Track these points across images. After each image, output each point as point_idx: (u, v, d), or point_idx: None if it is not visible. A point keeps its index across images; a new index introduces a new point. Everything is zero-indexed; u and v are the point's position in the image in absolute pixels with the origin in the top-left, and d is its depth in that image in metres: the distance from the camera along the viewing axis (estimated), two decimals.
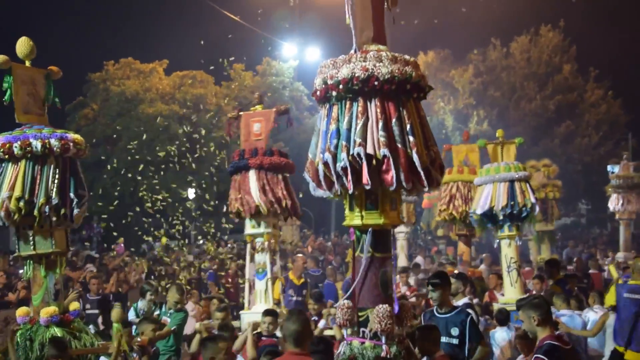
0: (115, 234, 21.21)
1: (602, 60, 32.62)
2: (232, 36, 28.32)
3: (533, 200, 9.08)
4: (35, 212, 5.98)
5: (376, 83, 4.48)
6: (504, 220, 8.97)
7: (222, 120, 29.04)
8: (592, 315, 8.63)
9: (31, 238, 6.18)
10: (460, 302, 7.41)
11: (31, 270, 6.30)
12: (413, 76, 4.61)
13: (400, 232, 15.65)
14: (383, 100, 4.56)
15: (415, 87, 4.67)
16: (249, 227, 9.10)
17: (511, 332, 8.12)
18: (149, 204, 19.79)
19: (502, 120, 31.70)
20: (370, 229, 4.78)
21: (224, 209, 9.86)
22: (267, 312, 7.19)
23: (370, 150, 4.47)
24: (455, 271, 9.46)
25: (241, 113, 9.60)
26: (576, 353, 4.69)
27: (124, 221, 23.70)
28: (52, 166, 6.09)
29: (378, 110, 4.53)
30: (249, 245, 9.34)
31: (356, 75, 4.50)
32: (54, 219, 6.09)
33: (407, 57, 4.75)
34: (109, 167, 26.00)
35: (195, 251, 20.74)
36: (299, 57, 31.88)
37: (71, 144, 6.16)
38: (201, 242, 24.80)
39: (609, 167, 25.15)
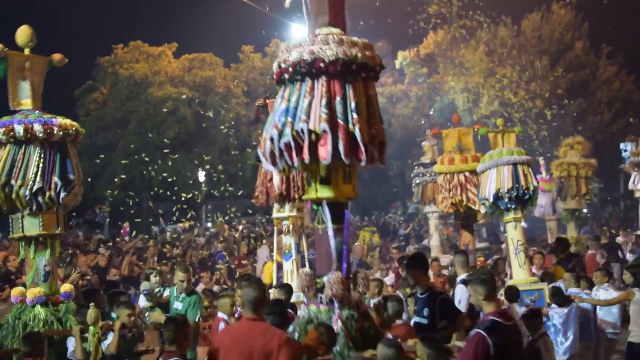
0: (120, 222, 21.27)
1: (615, 37, 32.12)
2: (240, 18, 28.18)
3: (535, 183, 9.21)
4: (13, 196, 6.08)
5: (322, 65, 4.75)
6: (509, 203, 9.00)
7: (231, 103, 29.06)
8: (602, 293, 8.67)
9: (20, 221, 6.29)
10: (460, 277, 7.69)
11: (23, 251, 6.44)
12: (359, 57, 4.84)
13: (434, 212, 15.11)
14: (329, 79, 4.82)
15: (362, 67, 4.89)
16: (275, 211, 9.30)
17: (521, 308, 8.18)
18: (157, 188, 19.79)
19: None
20: (324, 201, 5.06)
21: (233, 191, 9.97)
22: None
23: (312, 126, 4.73)
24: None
25: (267, 100, 9.56)
26: (517, 329, 4.87)
27: (132, 204, 23.70)
28: (36, 150, 6.16)
29: (323, 89, 4.79)
30: (275, 228, 9.58)
31: (304, 58, 4.80)
32: (42, 202, 6.18)
33: (355, 39, 4.97)
34: (119, 144, 25.99)
35: (207, 234, 20.83)
36: None
37: (56, 128, 6.22)
38: (209, 224, 24.89)
39: (622, 145, 24.83)
